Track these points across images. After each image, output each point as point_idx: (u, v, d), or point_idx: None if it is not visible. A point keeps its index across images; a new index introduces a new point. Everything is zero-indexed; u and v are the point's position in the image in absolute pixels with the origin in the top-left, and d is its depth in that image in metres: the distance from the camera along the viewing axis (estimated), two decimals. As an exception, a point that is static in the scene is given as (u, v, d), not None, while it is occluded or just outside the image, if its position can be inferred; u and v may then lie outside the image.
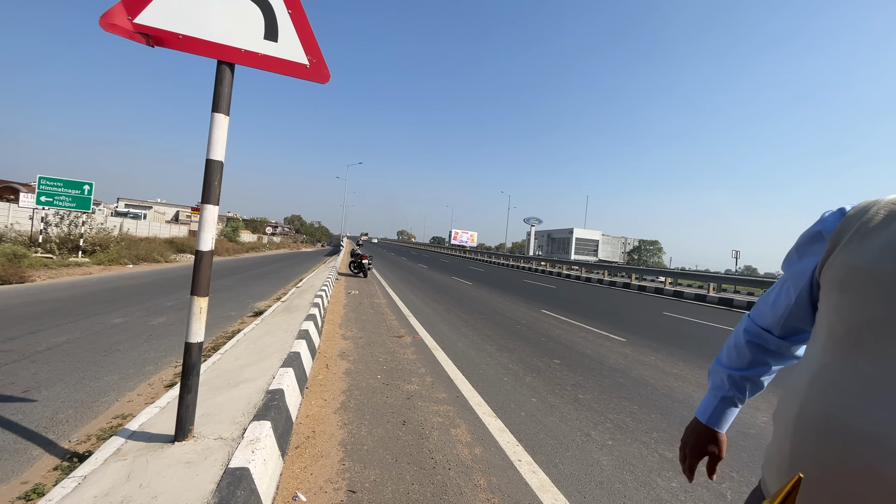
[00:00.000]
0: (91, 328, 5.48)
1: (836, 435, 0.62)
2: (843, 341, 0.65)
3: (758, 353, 0.89)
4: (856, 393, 0.61)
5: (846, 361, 0.64)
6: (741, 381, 0.91)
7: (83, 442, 2.64)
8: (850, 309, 0.65)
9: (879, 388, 0.58)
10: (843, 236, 0.69)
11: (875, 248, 0.64)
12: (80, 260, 13.25)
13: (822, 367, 0.67)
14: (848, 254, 0.67)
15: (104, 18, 1.91)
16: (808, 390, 0.68)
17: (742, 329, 0.93)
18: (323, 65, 2.27)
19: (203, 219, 2.11)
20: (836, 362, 0.65)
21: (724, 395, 0.93)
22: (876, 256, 0.63)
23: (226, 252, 27.42)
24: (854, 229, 0.68)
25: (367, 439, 2.76)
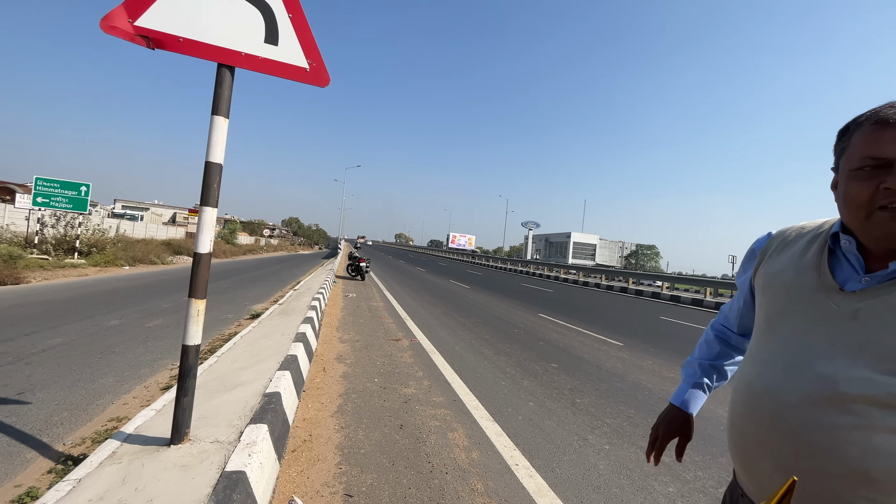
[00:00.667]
0: (87, 330, 5.45)
1: (751, 395, 0.82)
2: (763, 328, 0.87)
3: (723, 347, 1.11)
4: (765, 363, 0.82)
5: (762, 341, 0.86)
6: (709, 368, 1.11)
7: (78, 445, 2.62)
8: (768, 304, 0.87)
9: (779, 358, 0.79)
10: (766, 252, 0.92)
11: (784, 259, 0.87)
12: (76, 261, 13.18)
13: (749, 350, 0.90)
14: (768, 265, 0.90)
15: (105, 21, 1.91)
16: (742, 368, 0.91)
17: (710, 328, 1.16)
18: (323, 68, 2.28)
19: (201, 221, 2.11)
20: (758, 343, 0.87)
21: (696, 382, 1.11)
22: (783, 265, 0.87)
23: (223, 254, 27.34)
24: (774, 247, 0.91)
25: (364, 443, 2.75)
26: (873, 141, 0.71)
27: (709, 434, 3.35)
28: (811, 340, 0.76)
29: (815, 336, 0.76)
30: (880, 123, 0.71)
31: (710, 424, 3.56)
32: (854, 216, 0.74)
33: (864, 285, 0.74)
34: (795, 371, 0.75)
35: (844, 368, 0.70)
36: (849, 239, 0.78)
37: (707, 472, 2.74)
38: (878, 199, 0.70)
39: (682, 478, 2.63)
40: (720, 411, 3.89)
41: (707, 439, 3.24)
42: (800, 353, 0.76)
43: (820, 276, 0.79)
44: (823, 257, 0.81)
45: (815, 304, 0.78)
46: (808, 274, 0.81)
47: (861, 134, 0.74)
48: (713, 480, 2.63)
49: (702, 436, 3.30)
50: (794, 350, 0.77)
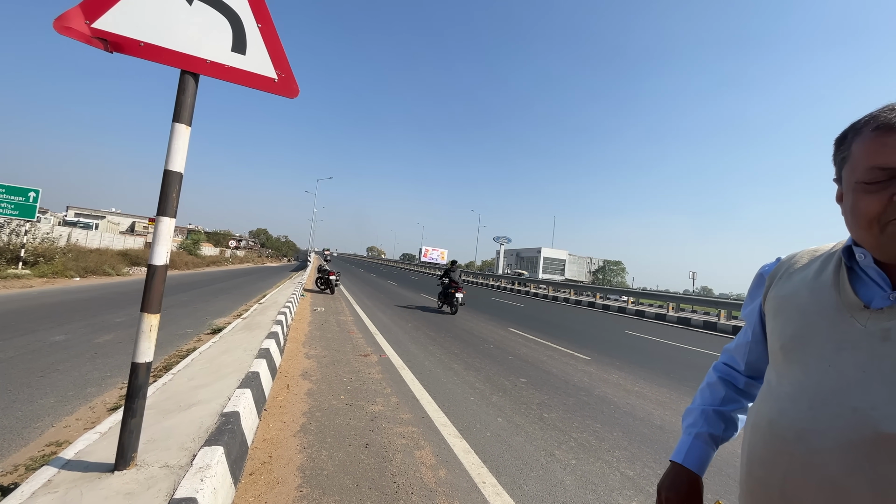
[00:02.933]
0: (27, 346, 5.06)
1: (775, 436, 0.70)
2: (779, 356, 0.77)
3: (729, 391, 0.94)
4: (788, 398, 0.71)
5: (781, 373, 0.75)
6: (714, 417, 0.92)
7: (9, 473, 2.40)
8: (781, 329, 0.78)
9: (805, 391, 0.69)
10: (776, 276, 0.85)
11: (796, 280, 0.80)
12: (19, 272, 12.29)
13: (766, 385, 0.79)
14: (778, 288, 0.83)
15: (59, 21, 1.83)
16: (757, 407, 0.79)
17: (713, 369, 1.00)
18: (292, 79, 2.26)
19: (158, 231, 2.01)
20: (774, 377, 0.77)
21: (698, 432, 0.92)
22: (796, 286, 0.79)
23: (185, 266, 26.18)
24: (783, 270, 0.85)
25: (327, 463, 2.66)
26: (878, 149, 0.64)
27: (671, 447, 3.43)
28: (839, 368, 0.66)
29: (842, 362, 0.66)
30: (883, 129, 0.64)
31: (672, 437, 3.65)
32: (866, 231, 0.67)
33: (892, 301, 0.65)
34: (826, 406, 0.65)
35: (884, 401, 0.60)
36: (864, 252, 0.70)
37: (669, 484, 2.79)
38: (891, 212, 0.63)
39: (645, 491, 2.67)
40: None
41: (669, 452, 3.31)
42: (828, 384, 0.66)
43: (840, 295, 0.71)
44: (842, 274, 0.73)
45: (837, 326, 0.69)
46: (826, 293, 0.72)
47: (862, 142, 0.67)
48: (675, 493, 2.68)
49: (664, 448, 3.37)
50: (821, 380, 0.67)
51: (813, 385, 0.68)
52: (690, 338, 11.16)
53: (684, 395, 5.02)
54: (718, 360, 1.01)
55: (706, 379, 1.00)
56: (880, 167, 0.63)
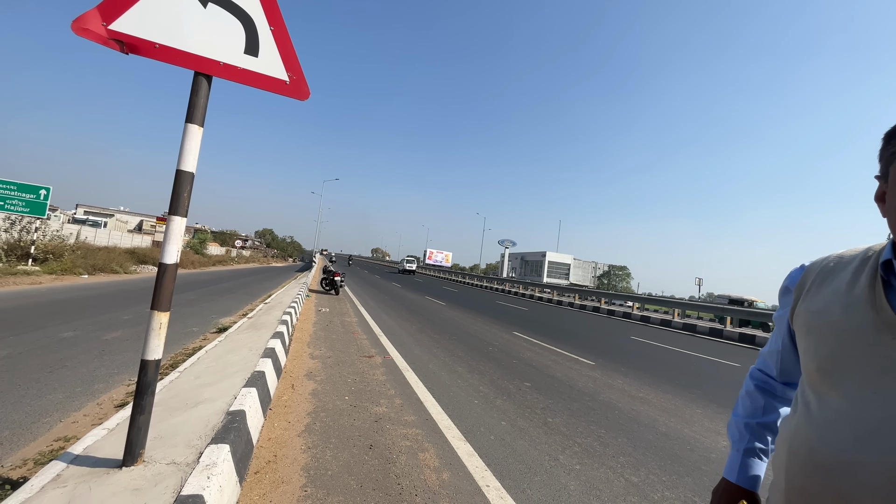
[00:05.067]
0: (36, 342, 5.12)
1: (817, 467, 0.65)
2: (815, 378, 0.71)
3: (768, 399, 0.91)
4: (829, 425, 0.65)
5: (820, 396, 0.69)
6: (759, 430, 0.90)
7: (18, 467, 2.42)
8: (815, 349, 0.72)
9: (848, 419, 0.63)
10: (804, 287, 0.79)
11: (827, 294, 0.73)
12: (29, 268, 12.44)
13: (803, 405, 0.73)
14: (808, 302, 0.76)
15: (77, 23, 1.86)
16: (795, 428, 0.73)
17: (749, 377, 0.97)
18: (303, 82, 2.28)
19: (169, 230, 2.04)
20: (813, 398, 0.71)
21: (747, 447, 0.89)
22: (827, 301, 0.72)
23: (191, 265, 26.37)
24: (811, 280, 0.78)
25: (331, 464, 2.66)
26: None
27: (676, 454, 3.40)
28: (886, 395, 0.60)
29: (888, 388, 0.60)
30: None
31: (677, 444, 3.62)
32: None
33: None
34: (874, 438, 0.59)
35: None
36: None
37: (674, 491, 2.77)
38: None
39: (650, 498, 2.65)
40: (687, 431, 3.97)
41: (674, 459, 3.29)
42: (874, 413, 0.60)
43: (878, 314, 0.64)
44: (878, 289, 0.66)
45: (878, 348, 0.63)
46: (862, 311, 0.66)
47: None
48: (680, 501, 2.67)
49: (668, 455, 3.35)
50: (866, 408, 0.62)
51: (857, 413, 0.62)
52: (696, 344, 11.08)
53: (689, 402, 4.98)
54: (754, 365, 0.98)
55: (744, 387, 0.97)
56: None
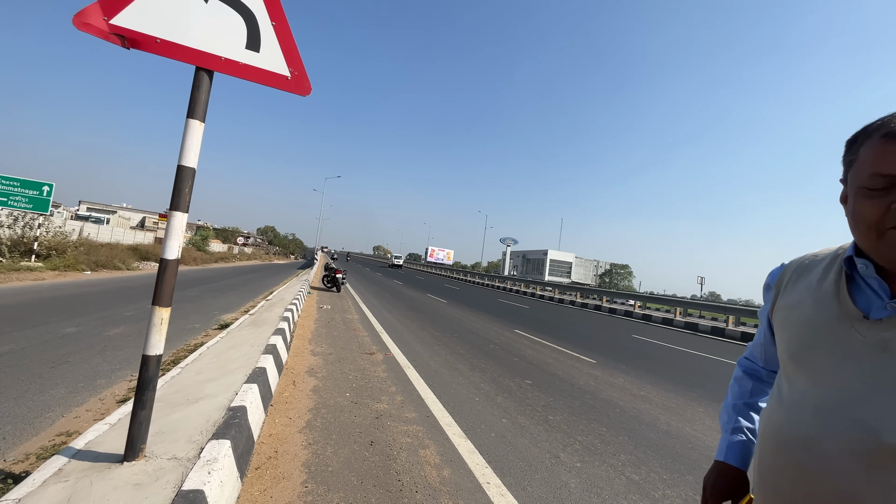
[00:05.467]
0: (39, 338, 5.14)
1: (783, 445, 0.73)
2: (788, 366, 0.79)
3: (755, 383, 1.00)
4: (795, 406, 0.74)
5: (791, 382, 0.78)
6: (744, 408, 0.98)
7: (21, 461, 2.43)
8: (789, 339, 0.80)
9: (811, 400, 0.72)
10: (781, 284, 0.87)
11: (801, 289, 0.81)
12: (32, 264, 12.49)
13: (777, 390, 0.82)
14: (785, 298, 0.84)
15: (78, 17, 1.86)
16: (768, 411, 0.82)
17: (738, 364, 1.06)
18: (304, 77, 2.27)
19: (170, 226, 2.03)
20: (785, 384, 0.79)
21: (735, 427, 0.96)
22: (801, 296, 0.80)
23: (193, 262, 26.44)
24: (788, 277, 0.87)
25: (332, 460, 2.67)
26: (882, 156, 0.65)
27: (677, 452, 3.40)
28: (843, 379, 0.68)
29: (846, 373, 0.68)
30: (890, 137, 0.65)
31: (678, 442, 3.61)
32: (865, 236, 0.68)
33: (890, 312, 0.67)
34: (831, 416, 0.67)
35: (886, 412, 0.62)
36: (865, 262, 0.71)
37: (675, 490, 2.77)
38: (890, 219, 0.64)
39: (651, 496, 2.65)
40: (688, 429, 3.96)
41: (675, 457, 3.29)
42: (832, 394, 0.69)
43: (840, 305, 0.73)
44: (842, 284, 0.74)
45: (839, 337, 0.71)
46: (828, 303, 0.74)
47: (870, 147, 0.68)
48: (681, 499, 2.66)
49: (670, 453, 3.34)
50: (826, 391, 0.70)
51: (819, 395, 0.70)
52: (698, 343, 11.05)
53: (691, 401, 4.98)
54: (743, 354, 1.06)
55: (734, 374, 1.05)
56: (882, 174, 0.65)
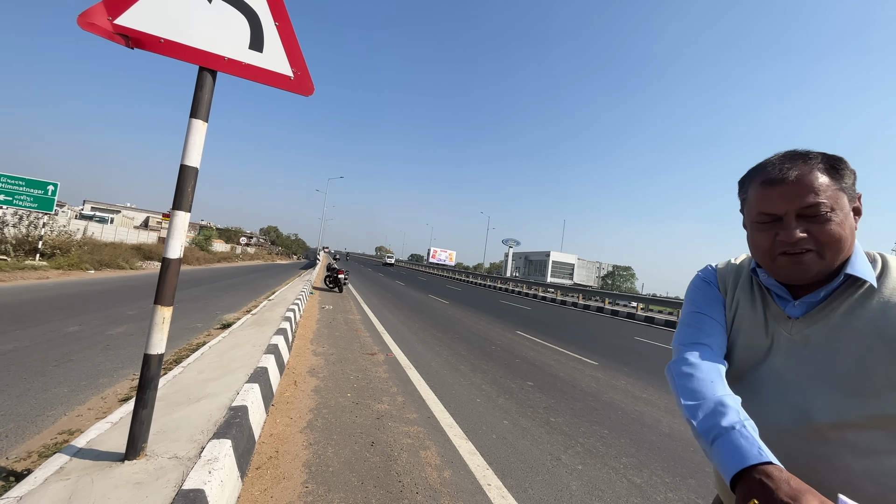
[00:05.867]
0: (43, 336, 5.16)
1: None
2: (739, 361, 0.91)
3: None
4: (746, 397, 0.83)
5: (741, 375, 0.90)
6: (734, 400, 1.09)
7: (23, 459, 2.44)
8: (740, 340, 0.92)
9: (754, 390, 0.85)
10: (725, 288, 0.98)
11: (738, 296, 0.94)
12: (36, 263, 12.55)
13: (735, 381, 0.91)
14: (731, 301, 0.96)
15: (83, 17, 1.86)
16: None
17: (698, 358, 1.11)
18: (307, 77, 2.28)
19: (173, 225, 2.04)
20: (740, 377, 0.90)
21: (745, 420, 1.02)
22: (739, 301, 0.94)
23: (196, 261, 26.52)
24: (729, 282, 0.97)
25: (332, 460, 2.66)
26: (764, 198, 0.81)
27: (679, 455, 3.38)
28: (778, 371, 0.82)
29: (779, 366, 0.82)
30: (767, 183, 0.81)
31: (680, 445, 3.59)
32: (762, 260, 0.84)
33: (803, 310, 0.82)
34: (771, 403, 0.80)
35: (813, 396, 0.75)
36: (765, 272, 0.87)
37: (677, 493, 2.75)
38: (777, 247, 0.80)
39: (652, 499, 2.63)
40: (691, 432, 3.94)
41: (678, 460, 3.27)
42: (771, 385, 0.82)
43: (768, 308, 0.87)
44: (757, 291, 0.90)
45: (772, 335, 0.85)
46: (759, 306, 0.89)
47: (754, 189, 0.84)
48: (683, 503, 2.65)
49: (672, 457, 3.33)
50: (766, 382, 0.83)
51: (761, 386, 0.84)
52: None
53: (694, 404, 4.94)
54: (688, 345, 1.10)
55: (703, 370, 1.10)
56: (765, 213, 0.81)
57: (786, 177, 0.78)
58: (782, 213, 0.79)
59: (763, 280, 0.87)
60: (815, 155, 0.80)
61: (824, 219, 0.76)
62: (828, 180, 0.77)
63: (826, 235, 0.76)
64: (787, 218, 0.78)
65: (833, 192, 0.77)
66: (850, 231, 0.77)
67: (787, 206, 0.78)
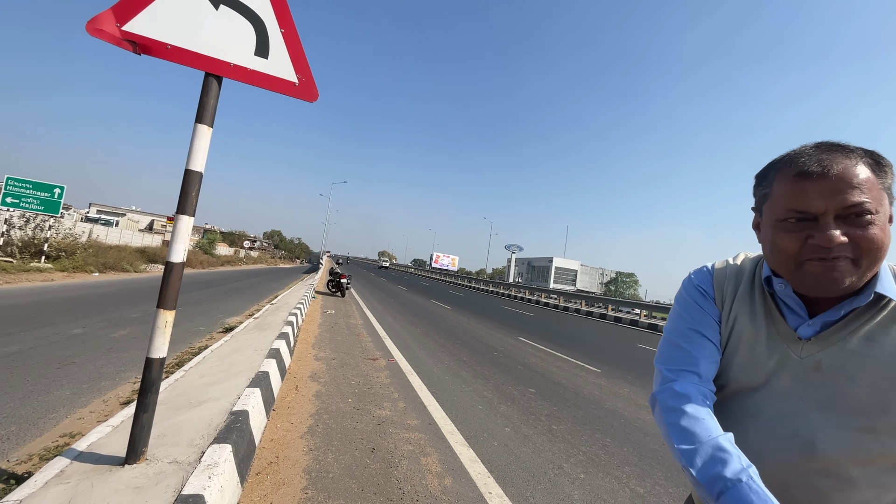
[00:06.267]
0: (46, 338, 5.18)
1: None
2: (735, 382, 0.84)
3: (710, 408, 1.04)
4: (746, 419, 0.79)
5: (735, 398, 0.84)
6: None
7: (24, 462, 2.44)
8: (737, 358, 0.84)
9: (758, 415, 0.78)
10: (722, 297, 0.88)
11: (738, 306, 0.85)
12: (42, 265, 12.63)
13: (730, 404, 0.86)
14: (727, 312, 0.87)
15: (91, 24, 1.89)
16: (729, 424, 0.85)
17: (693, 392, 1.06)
18: (312, 84, 2.29)
19: (177, 229, 2.05)
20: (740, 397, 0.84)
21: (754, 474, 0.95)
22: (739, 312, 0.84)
23: (200, 264, 26.63)
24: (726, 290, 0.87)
25: (333, 466, 2.65)
26: (797, 194, 0.69)
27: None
28: (784, 395, 0.75)
29: (785, 390, 0.75)
30: (802, 176, 0.69)
31: (685, 455, 3.55)
32: (785, 266, 0.73)
33: (815, 330, 0.73)
34: (774, 430, 0.74)
35: (820, 427, 0.70)
36: (783, 282, 0.76)
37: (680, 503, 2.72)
38: (806, 252, 0.69)
39: (655, 510, 2.60)
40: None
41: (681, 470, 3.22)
42: (775, 410, 0.75)
43: (775, 325, 0.78)
44: (770, 304, 0.79)
45: (777, 356, 0.76)
46: (763, 322, 0.79)
47: (783, 182, 0.72)
48: None
49: (675, 466, 3.29)
50: (770, 406, 0.76)
51: (760, 411, 0.76)
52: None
53: (697, 413, 4.90)
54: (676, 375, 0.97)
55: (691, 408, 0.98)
56: (798, 210, 0.69)
57: (828, 170, 0.67)
58: (820, 213, 0.67)
59: (778, 291, 0.77)
60: (855, 148, 0.70)
61: (867, 222, 0.66)
62: (873, 177, 0.67)
63: (868, 241, 0.66)
64: (824, 218, 0.67)
65: (878, 191, 0.67)
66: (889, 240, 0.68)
67: (828, 204, 0.67)
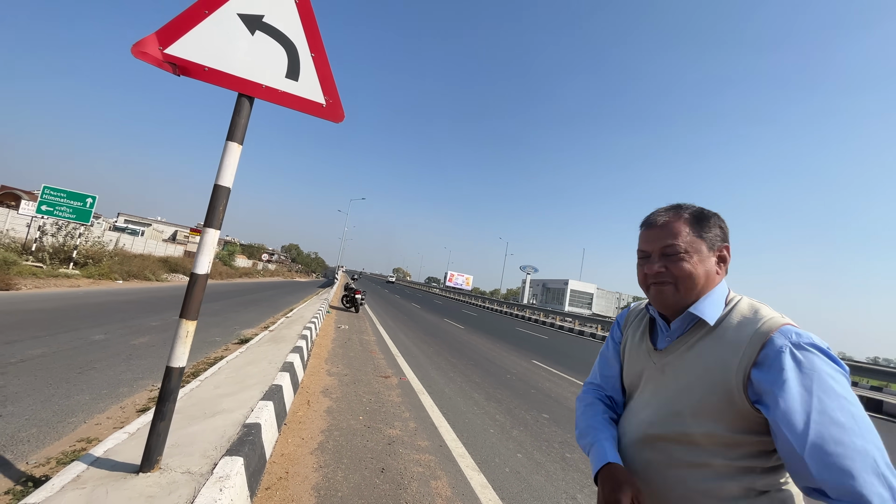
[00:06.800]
0: (69, 343, 5.33)
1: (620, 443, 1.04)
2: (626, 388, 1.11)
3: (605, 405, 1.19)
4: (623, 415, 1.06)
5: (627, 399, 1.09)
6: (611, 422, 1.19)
7: (42, 465, 2.49)
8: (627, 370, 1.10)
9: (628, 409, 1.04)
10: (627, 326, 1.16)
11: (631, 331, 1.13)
12: (69, 272, 13.08)
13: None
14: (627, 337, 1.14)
15: (136, 47, 2.01)
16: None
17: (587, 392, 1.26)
18: (339, 105, 2.37)
19: (203, 242, 2.11)
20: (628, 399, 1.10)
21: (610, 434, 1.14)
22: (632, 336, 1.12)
23: (219, 275, 27.18)
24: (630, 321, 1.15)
25: (342, 485, 2.62)
26: (640, 239, 1.00)
27: (703, 502, 3.19)
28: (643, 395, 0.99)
29: (645, 390, 0.99)
30: (644, 226, 0.99)
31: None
32: (644, 290, 0.99)
33: (665, 343, 0.97)
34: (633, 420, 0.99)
35: (653, 414, 0.93)
36: (653, 307, 1.02)
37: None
38: (648, 279, 0.96)
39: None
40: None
41: (701, 508, 3.09)
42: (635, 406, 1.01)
43: (645, 341, 1.04)
44: (645, 324, 1.07)
45: (644, 365, 1.01)
46: (641, 340, 1.05)
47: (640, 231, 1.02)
48: None
49: None
50: (637, 401, 1.01)
51: (635, 403, 1.01)
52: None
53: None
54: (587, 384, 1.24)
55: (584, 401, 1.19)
56: (641, 250, 0.99)
57: (655, 222, 0.97)
58: (651, 251, 0.96)
59: (651, 312, 1.03)
60: (689, 207, 0.97)
61: (679, 258, 0.91)
62: (688, 229, 0.93)
63: (678, 270, 0.91)
64: (653, 255, 0.95)
65: (691, 238, 0.92)
66: (704, 272, 0.91)
67: (654, 246, 0.95)
